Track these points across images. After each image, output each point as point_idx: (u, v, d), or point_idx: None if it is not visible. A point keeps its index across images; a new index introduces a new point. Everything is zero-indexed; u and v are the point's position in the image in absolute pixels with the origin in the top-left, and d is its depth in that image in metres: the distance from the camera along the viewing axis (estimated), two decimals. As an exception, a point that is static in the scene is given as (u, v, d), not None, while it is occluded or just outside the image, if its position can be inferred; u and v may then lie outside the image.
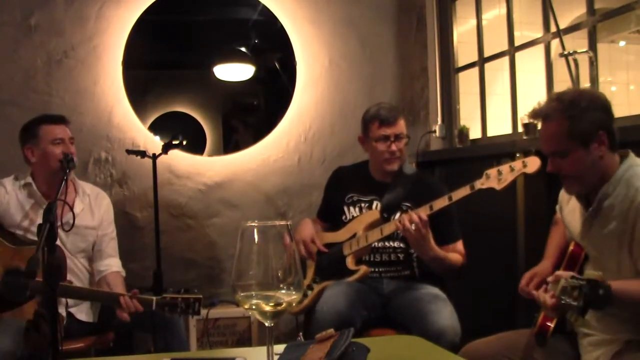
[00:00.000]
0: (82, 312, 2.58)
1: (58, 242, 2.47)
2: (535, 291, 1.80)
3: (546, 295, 1.68)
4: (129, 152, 3.17)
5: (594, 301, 1.51)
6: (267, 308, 0.99)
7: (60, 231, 2.15)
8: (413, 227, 2.27)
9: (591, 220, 1.79)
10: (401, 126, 2.58)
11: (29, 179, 2.59)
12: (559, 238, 2.05)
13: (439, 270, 2.46)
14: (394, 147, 2.56)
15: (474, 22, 3.50)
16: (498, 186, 2.17)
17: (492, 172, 2.19)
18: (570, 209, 1.94)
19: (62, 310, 2.48)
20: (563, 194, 2.01)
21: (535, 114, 1.86)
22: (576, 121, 1.72)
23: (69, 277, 2.49)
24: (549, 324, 1.81)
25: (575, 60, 2.59)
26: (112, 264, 2.67)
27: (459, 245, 2.53)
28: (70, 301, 2.50)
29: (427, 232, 2.31)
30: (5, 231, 2.53)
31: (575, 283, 1.52)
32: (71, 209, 2.01)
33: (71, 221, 2.17)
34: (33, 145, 2.56)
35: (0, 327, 2.20)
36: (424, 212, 2.30)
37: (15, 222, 2.53)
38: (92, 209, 2.67)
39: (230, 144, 3.63)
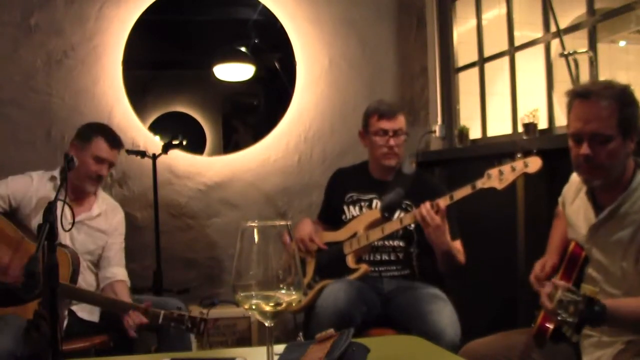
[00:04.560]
0: (84, 310, 2.59)
1: (68, 241, 2.50)
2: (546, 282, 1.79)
3: (545, 298, 1.68)
4: (129, 152, 3.18)
5: (589, 319, 1.51)
6: (267, 308, 0.99)
7: (73, 230, 2.29)
8: (430, 216, 2.28)
9: (600, 224, 1.76)
10: (400, 122, 2.59)
11: (56, 173, 2.64)
12: (561, 231, 2.03)
13: (446, 265, 2.45)
14: (392, 142, 2.57)
15: (474, 22, 3.50)
16: (499, 186, 2.18)
17: (494, 171, 2.20)
18: (575, 208, 1.91)
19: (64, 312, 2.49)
20: (568, 190, 1.98)
21: (580, 92, 1.71)
22: (627, 109, 1.66)
23: None
24: (547, 325, 1.81)
25: (575, 60, 2.59)
26: (118, 273, 2.69)
27: (458, 244, 2.53)
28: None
29: (444, 223, 2.31)
30: (19, 222, 2.54)
31: (571, 298, 1.51)
32: (72, 211, 2.01)
33: (82, 220, 2.18)
34: (80, 146, 2.61)
35: (2, 324, 2.20)
36: (443, 202, 2.30)
37: (31, 214, 2.55)
38: (107, 215, 2.73)
39: (230, 144, 3.64)
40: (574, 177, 1.96)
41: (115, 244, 2.73)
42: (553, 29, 2.81)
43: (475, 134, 3.48)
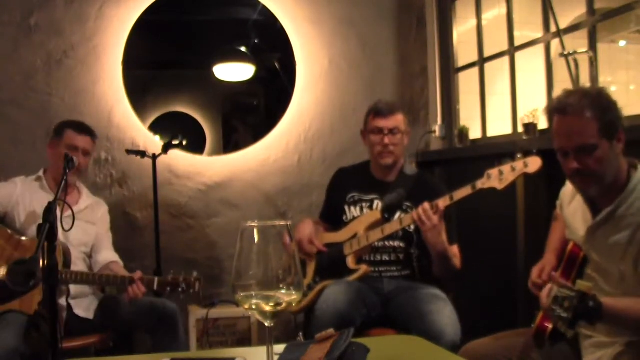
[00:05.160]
0: (81, 307, 2.62)
1: (61, 236, 2.55)
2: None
3: (544, 296, 1.68)
4: (129, 152, 3.18)
5: (584, 314, 1.52)
6: (267, 308, 0.99)
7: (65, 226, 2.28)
8: (427, 216, 2.28)
9: (597, 226, 1.76)
10: (397, 120, 2.59)
11: (40, 174, 2.72)
12: (560, 233, 2.03)
13: (441, 269, 2.45)
14: (386, 140, 2.56)
15: (474, 22, 3.50)
16: (499, 186, 2.18)
17: (494, 172, 2.20)
18: (572, 210, 1.91)
19: (62, 301, 2.52)
20: (565, 192, 1.99)
21: (558, 107, 1.73)
22: (606, 115, 1.67)
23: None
24: (547, 325, 1.81)
25: (575, 60, 2.59)
26: (109, 255, 2.79)
27: (455, 248, 2.53)
28: (72, 292, 2.56)
29: (441, 224, 2.31)
30: (9, 227, 2.57)
31: (566, 294, 1.52)
32: (71, 208, 2.03)
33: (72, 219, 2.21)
34: (54, 143, 2.71)
35: (4, 323, 2.21)
36: (443, 203, 2.30)
37: (26, 219, 2.58)
38: (93, 208, 2.83)
39: (230, 144, 3.64)
40: None
41: (103, 232, 2.83)
42: (553, 29, 2.81)
43: (475, 134, 3.48)
